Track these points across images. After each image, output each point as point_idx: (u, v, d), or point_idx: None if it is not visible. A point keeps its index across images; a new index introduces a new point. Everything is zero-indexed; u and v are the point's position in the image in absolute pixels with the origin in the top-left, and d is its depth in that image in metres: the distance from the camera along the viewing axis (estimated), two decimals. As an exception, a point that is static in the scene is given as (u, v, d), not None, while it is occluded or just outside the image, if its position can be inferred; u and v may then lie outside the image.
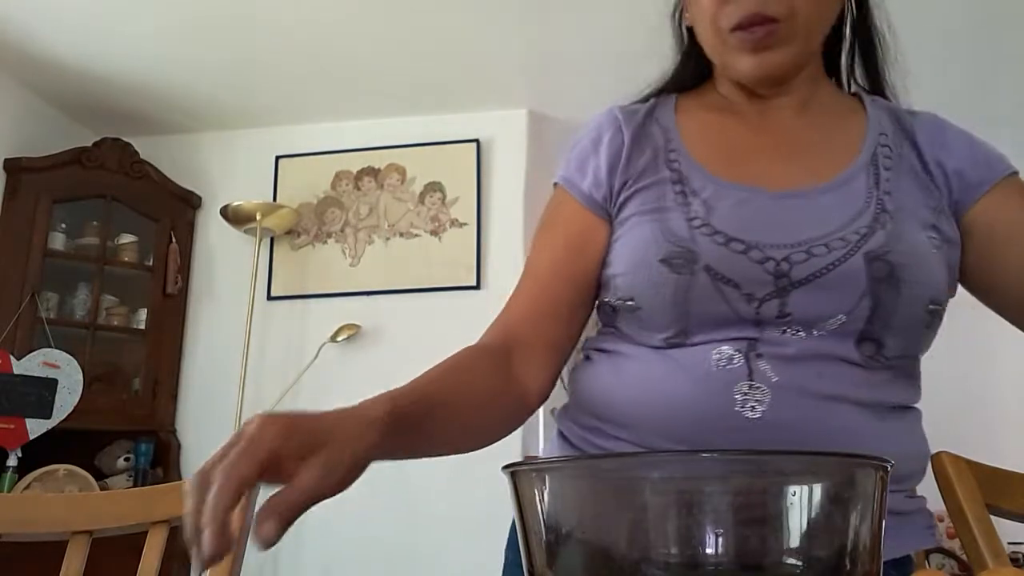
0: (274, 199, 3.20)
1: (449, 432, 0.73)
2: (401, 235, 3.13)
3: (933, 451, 0.88)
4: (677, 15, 0.90)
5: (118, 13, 2.57)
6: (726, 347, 0.71)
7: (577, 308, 0.82)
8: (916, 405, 0.78)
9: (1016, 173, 0.79)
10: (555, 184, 0.87)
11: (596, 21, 2.57)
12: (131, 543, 0.86)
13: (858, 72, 0.89)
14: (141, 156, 3.12)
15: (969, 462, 0.87)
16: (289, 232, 3.17)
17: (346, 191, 3.21)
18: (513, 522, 0.85)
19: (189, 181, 3.26)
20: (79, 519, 0.86)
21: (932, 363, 0.76)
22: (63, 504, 0.89)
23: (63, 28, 2.66)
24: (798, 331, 0.71)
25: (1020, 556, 3.58)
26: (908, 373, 0.77)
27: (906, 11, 0.93)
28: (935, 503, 0.86)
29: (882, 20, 0.87)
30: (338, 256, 3.15)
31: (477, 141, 3.14)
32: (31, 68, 2.88)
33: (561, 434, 0.83)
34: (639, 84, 0.92)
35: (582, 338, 0.86)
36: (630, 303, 0.76)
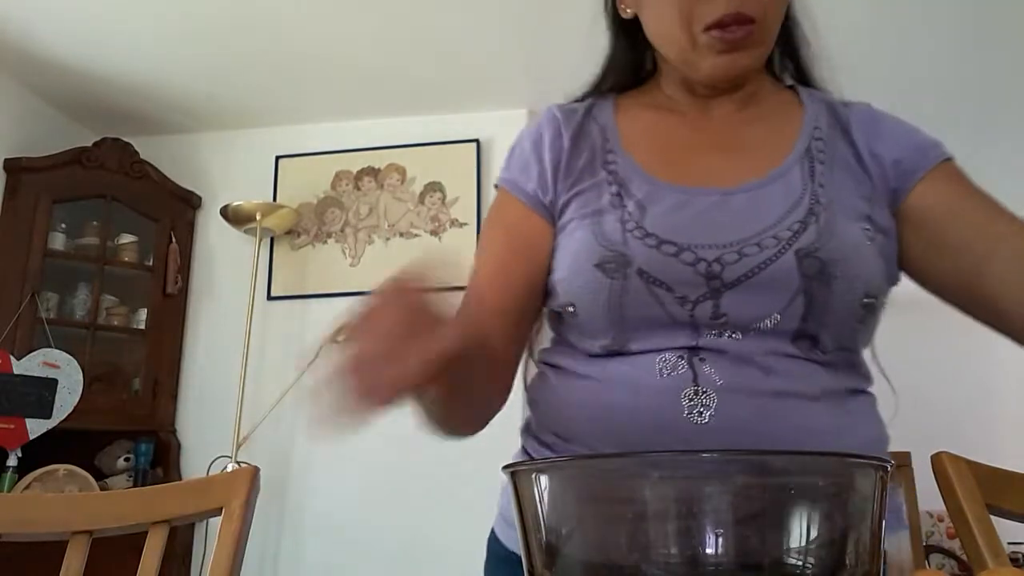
0: (274, 199, 3.20)
1: (473, 392, 0.73)
2: (401, 235, 3.13)
3: (933, 451, 0.88)
4: (611, 6, 0.88)
5: (118, 13, 2.57)
6: (668, 354, 0.71)
7: (521, 314, 0.81)
8: (868, 390, 0.78)
9: (951, 159, 0.79)
10: (496, 186, 0.86)
11: (596, 21, 2.57)
12: (131, 543, 0.86)
13: (788, 67, 0.89)
14: (141, 156, 3.12)
15: (969, 462, 0.87)
16: (289, 232, 3.17)
17: (346, 191, 3.21)
18: (492, 527, 0.86)
19: (189, 181, 3.26)
20: (79, 519, 0.86)
21: (932, 363, 0.76)
22: (63, 504, 0.89)
23: (63, 28, 2.66)
24: (735, 332, 0.71)
25: (1020, 556, 3.58)
26: (850, 363, 0.76)
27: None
28: (935, 503, 0.86)
29: (803, 17, 0.86)
30: (338, 256, 3.15)
31: (477, 141, 3.14)
32: (31, 68, 2.88)
33: (524, 451, 0.83)
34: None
35: (536, 349, 0.86)
36: (570, 309, 0.76)
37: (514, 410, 0.84)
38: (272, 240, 3.17)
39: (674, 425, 0.69)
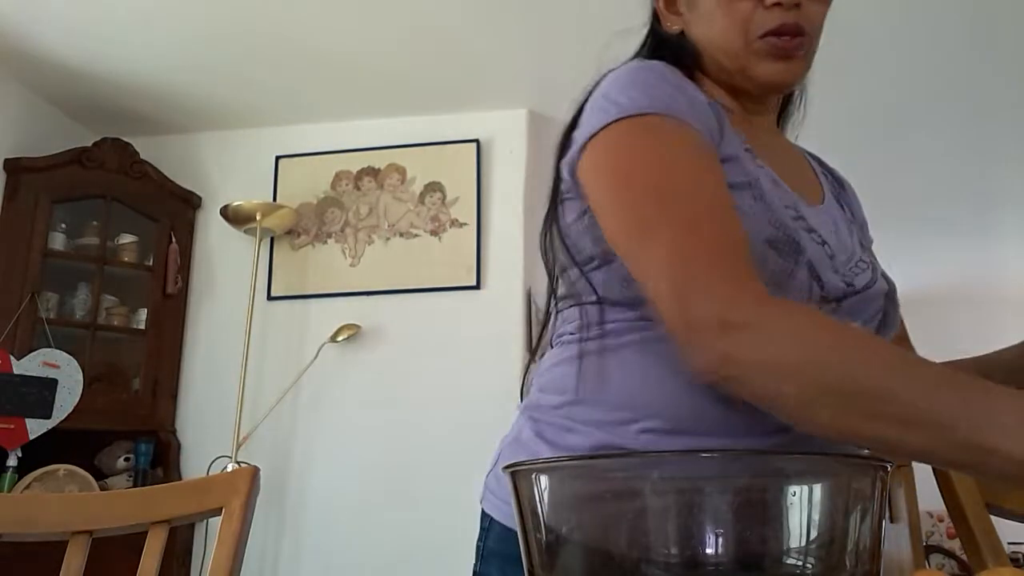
0: (274, 199, 3.20)
1: None
2: (401, 235, 3.13)
3: (933, 451, 0.88)
4: (651, 24, 0.90)
5: (118, 13, 2.57)
6: None
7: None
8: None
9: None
10: (643, 115, 0.70)
11: (596, 21, 2.57)
12: (131, 543, 0.86)
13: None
14: (141, 156, 3.12)
15: (969, 462, 0.87)
16: (289, 232, 3.17)
17: (346, 191, 3.21)
18: (478, 540, 0.87)
19: (189, 181, 3.26)
20: (79, 519, 0.86)
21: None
22: (63, 504, 0.89)
23: (63, 28, 2.66)
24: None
25: (1020, 556, 3.58)
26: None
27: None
28: (935, 503, 0.86)
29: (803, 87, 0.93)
30: (338, 256, 3.15)
31: (477, 141, 3.14)
32: (31, 68, 2.88)
33: (541, 437, 0.77)
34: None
35: (566, 329, 0.80)
36: None
37: (511, 415, 0.83)
38: (272, 240, 3.17)
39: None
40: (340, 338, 2.96)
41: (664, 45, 0.88)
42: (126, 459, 2.88)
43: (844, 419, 0.56)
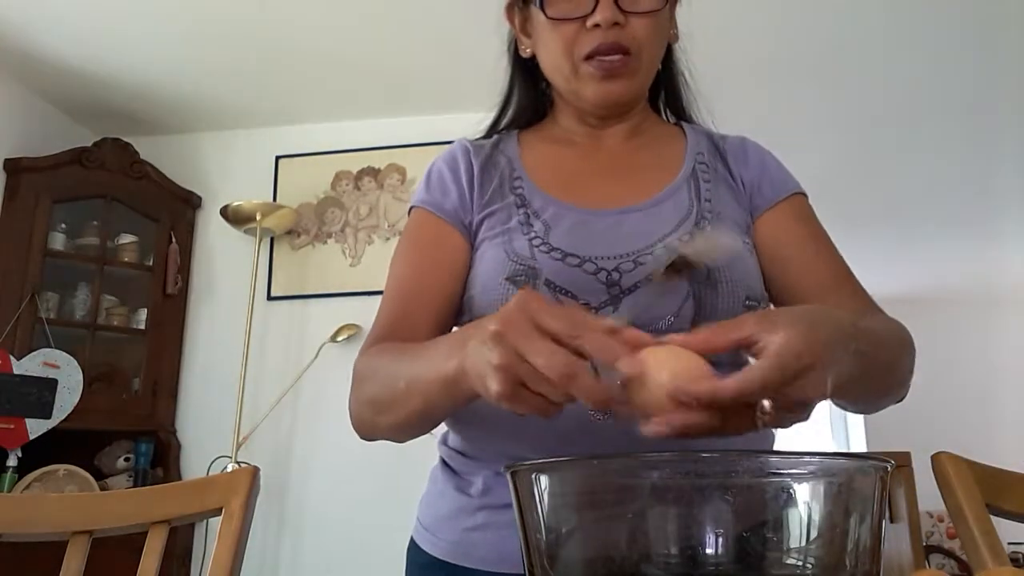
0: (274, 199, 3.20)
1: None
2: (401, 235, 3.13)
3: (933, 451, 0.88)
4: (512, 48, 0.98)
5: (118, 13, 2.57)
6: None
7: (439, 322, 0.85)
8: None
9: (802, 195, 0.89)
10: (411, 209, 0.91)
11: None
12: (131, 543, 0.86)
13: (670, 107, 1.00)
14: (141, 156, 3.12)
15: (969, 462, 0.87)
16: (289, 232, 3.17)
17: (346, 191, 3.21)
18: (411, 536, 0.90)
19: (189, 181, 3.26)
20: (79, 519, 0.86)
21: (932, 363, 0.76)
22: (63, 504, 0.89)
23: (63, 28, 2.66)
24: None
25: (1020, 556, 3.58)
26: (738, 363, 0.80)
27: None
28: (935, 503, 0.86)
29: (684, 64, 0.98)
30: (338, 256, 3.15)
31: (477, 141, 3.14)
32: (31, 68, 2.88)
33: (442, 460, 0.91)
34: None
35: None
36: None
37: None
38: (272, 240, 3.17)
39: (580, 423, 0.73)
40: (340, 338, 2.96)
41: (522, 67, 0.97)
42: (126, 459, 2.88)
43: (379, 422, 0.75)
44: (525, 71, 0.97)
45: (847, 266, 0.86)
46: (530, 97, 0.99)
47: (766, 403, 0.50)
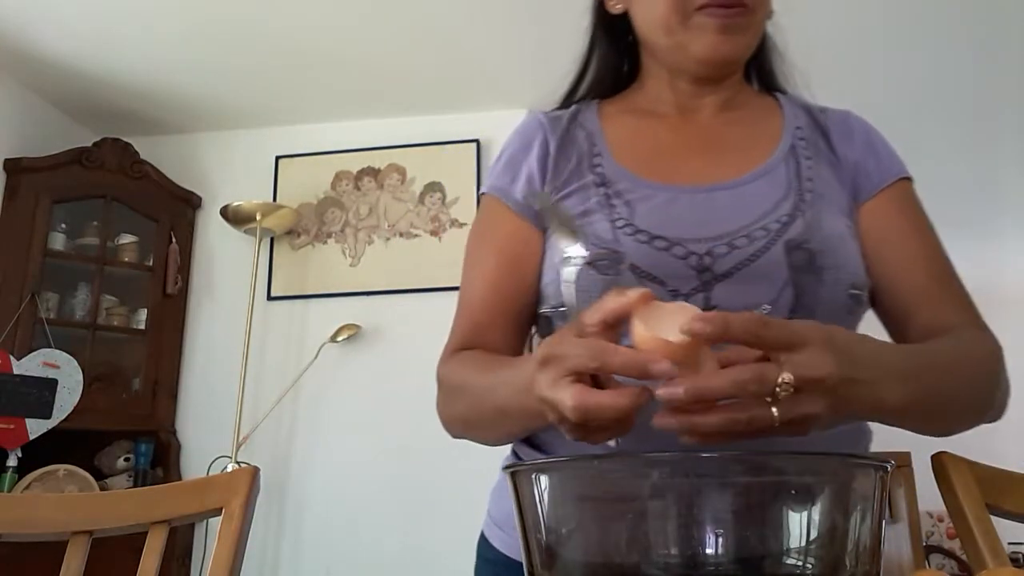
0: (274, 199, 3.20)
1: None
2: (401, 235, 3.13)
3: (933, 451, 0.88)
4: (597, 5, 0.91)
5: (118, 13, 2.57)
6: None
7: (517, 327, 0.83)
8: None
9: (907, 179, 0.82)
10: (482, 194, 0.88)
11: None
12: (131, 543, 0.86)
13: (762, 79, 0.93)
14: (141, 156, 3.12)
15: (969, 462, 0.87)
16: (289, 232, 3.17)
17: (346, 191, 3.21)
18: (482, 530, 0.87)
19: (189, 181, 3.26)
20: (79, 519, 0.86)
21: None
22: (63, 504, 0.89)
23: (63, 28, 2.66)
24: None
25: (1020, 556, 3.58)
26: None
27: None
28: (935, 503, 0.86)
29: (777, 31, 0.91)
30: (338, 256, 3.15)
31: (477, 141, 3.14)
32: (31, 68, 2.88)
33: (514, 452, 0.85)
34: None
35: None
36: (562, 310, 0.77)
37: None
38: (272, 240, 3.17)
39: (649, 418, 0.70)
40: (340, 338, 2.96)
41: (605, 26, 0.90)
42: (126, 459, 2.88)
43: (471, 435, 0.77)
44: (609, 31, 0.90)
45: (949, 266, 0.79)
46: (611, 61, 0.92)
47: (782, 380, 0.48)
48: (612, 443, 0.54)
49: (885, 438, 0.82)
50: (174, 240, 3.12)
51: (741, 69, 0.87)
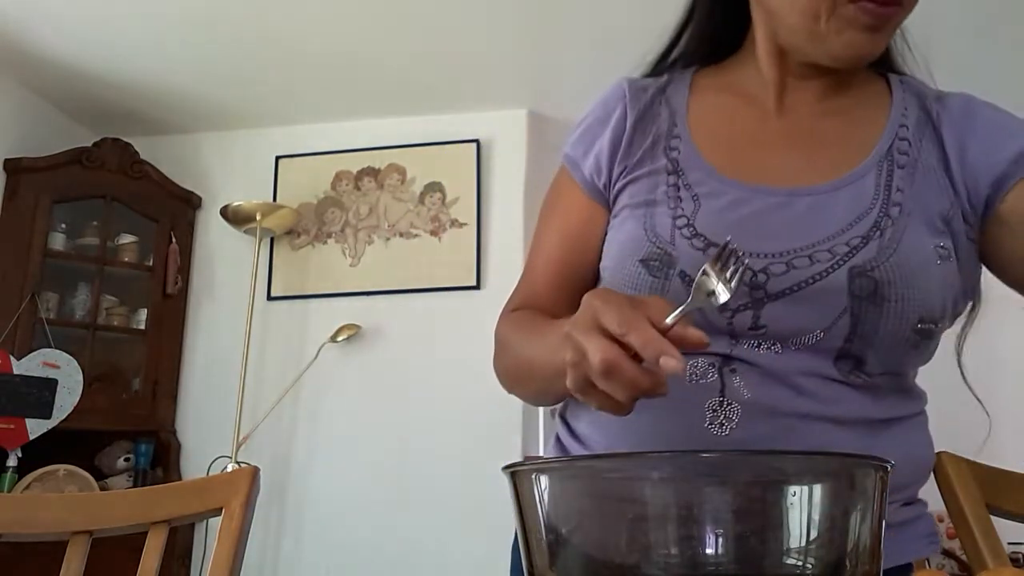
0: (274, 199, 3.20)
1: None
2: (401, 235, 3.13)
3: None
4: None
5: (118, 13, 2.57)
6: (702, 359, 0.69)
7: (574, 296, 0.77)
8: (916, 412, 0.75)
9: None
10: (565, 155, 0.84)
11: (596, 21, 2.57)
12: (131, 543, 0.86)
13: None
14: (141, 156, 3.12)
15: (969, 462, 0.87)
16: (289, 232, 3.17)
17: (346, 191, 3.21)
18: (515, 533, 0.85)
19: (189, 181, 3.26)
20: (79, 519, 0.86)
21: (932, 363, 0.75)
22: (63, 504, 0.89)
23: (63, 28, 2.66)
24: (773, 344, 0.68)
25: (1020, 556, 3.58)
26: (898, 387, 0.73)
27: None
28: (935, 503, 0.86)
29: None
30: (338, 256, 3.15)
31: (477, 141, 3.14)
32: (31, 68, 2.88)
33: (557, 438, 0.83)
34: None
35: None
36: None
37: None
38: (272, 240, 3.17)
39: (694, 434, 0.68)
40: (340, 338, 2.96)
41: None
42: (126, 459, 2.88)
43: (516, 390, 0.80)
44: (716, 3, 0.81)
45: None
46: (714, 24, 0.82)
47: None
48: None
49: (885, 438, 0.82)
50: (174, 240, 3.12)
51: None
